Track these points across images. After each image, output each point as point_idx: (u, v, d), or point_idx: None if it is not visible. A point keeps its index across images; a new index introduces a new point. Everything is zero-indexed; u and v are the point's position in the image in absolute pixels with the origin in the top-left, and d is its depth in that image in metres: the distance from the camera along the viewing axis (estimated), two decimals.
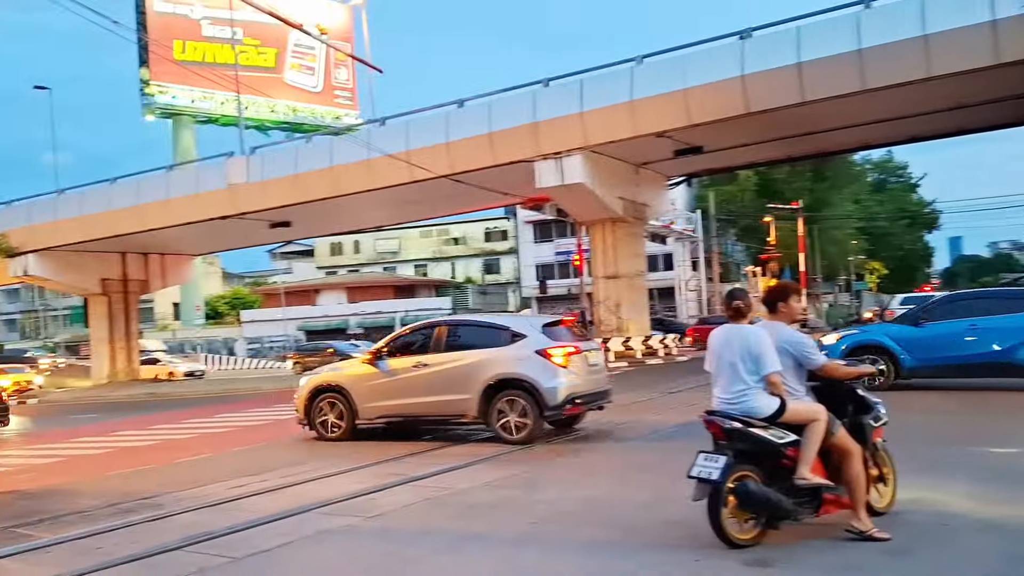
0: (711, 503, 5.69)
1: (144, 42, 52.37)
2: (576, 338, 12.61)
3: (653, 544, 6.20)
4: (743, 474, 5.70)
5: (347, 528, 7.43)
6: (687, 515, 6.12)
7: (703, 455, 5.76)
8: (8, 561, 6.99)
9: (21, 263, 36.87)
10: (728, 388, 6.00)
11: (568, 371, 11.68)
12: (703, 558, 5.68)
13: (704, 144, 25.09)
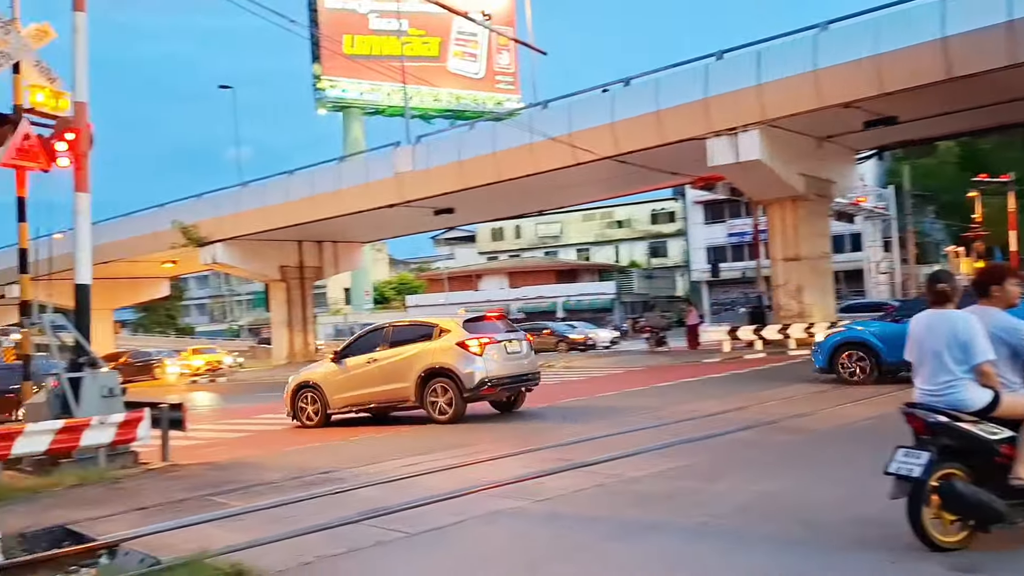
0: (911, 502, 5.23)
1: (316, 38, 54.37)
2: (498, 330, 14.47)
3: (842, 543, 5.77)
4: (949, 472, 5.21)
5: (516, 510, 7.37)
6: (882, 514, 5.67)
7: (902, 450, 5.31)
8: (207, 526, 7.40)
9: (210, 252, 39.09)
10: (932, 379, 5.46)
11: (484, 359, 13.65)
12: (900, 560, 5.25)
13: (897, 114, 23.39)
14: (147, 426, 11.33)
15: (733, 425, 11.68)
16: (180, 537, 6.98)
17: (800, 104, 22.75)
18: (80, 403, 11.20)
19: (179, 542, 6.75)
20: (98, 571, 6.47)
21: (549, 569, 5.70)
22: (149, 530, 7.29)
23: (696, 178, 31.60)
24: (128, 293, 51.43)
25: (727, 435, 11.05)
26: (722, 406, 13.72)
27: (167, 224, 38.51)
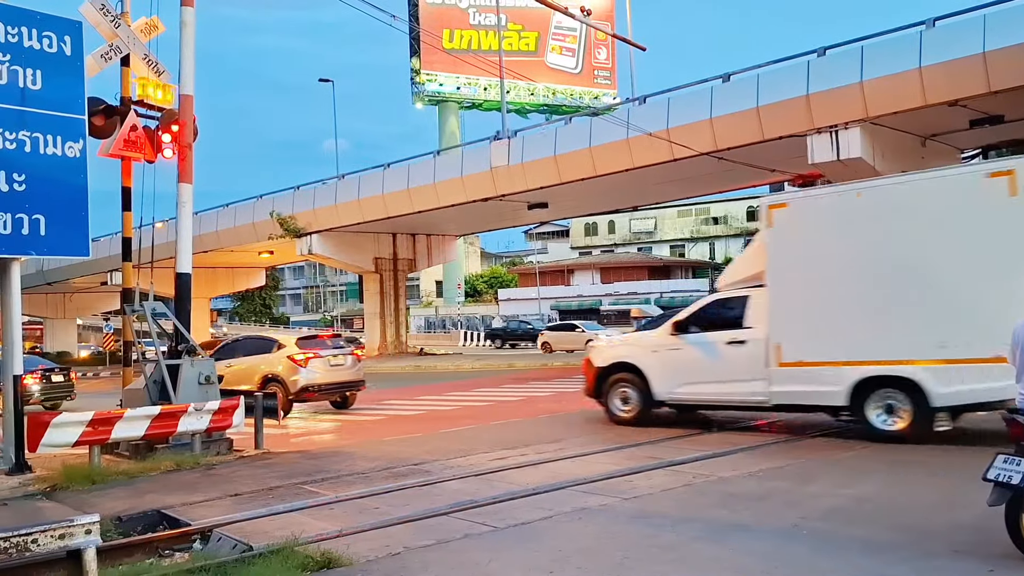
0: (1010, 509, 5.12)
1: (416, 33, 54.96)
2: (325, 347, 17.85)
3: (937, 549, 5.66)
4: None
5: (604, 507, 7.32)
6: (979, 520, 5.59)
7: (1002, 457, 5.16)
8: (299, 514, 7.52)
9: (306, 243, 39.84)
10: None
11: (307, 369, 16.91)
12: (997, 568, 5.12)
13: (1004, 113, 22.60)
14: (242, 414, 11.57)
15: (826, 426, 11.37)
16: (272, 524, 7.10)
17: (904, 102, 22.07)
18: (178, 390, 11.49)
19: (271, 529, 6.87)
20: (192, 555, 6.59)
21: (637, 568, 5.62)
22: (242, 516, 7.43)
23: (795, 175, 30.90)
24: (225, 282, 52.87)
25: (820, 436, 10.78)
26: None
27: (265, 215, 39.43)
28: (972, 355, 9.32)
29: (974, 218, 9.67)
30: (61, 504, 8.67)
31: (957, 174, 10.52)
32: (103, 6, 12.49)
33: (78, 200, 10.39)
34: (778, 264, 11.10)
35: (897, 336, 10.05)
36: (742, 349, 11.40)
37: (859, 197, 10.83)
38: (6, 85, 9.77)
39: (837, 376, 10.39)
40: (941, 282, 9.79)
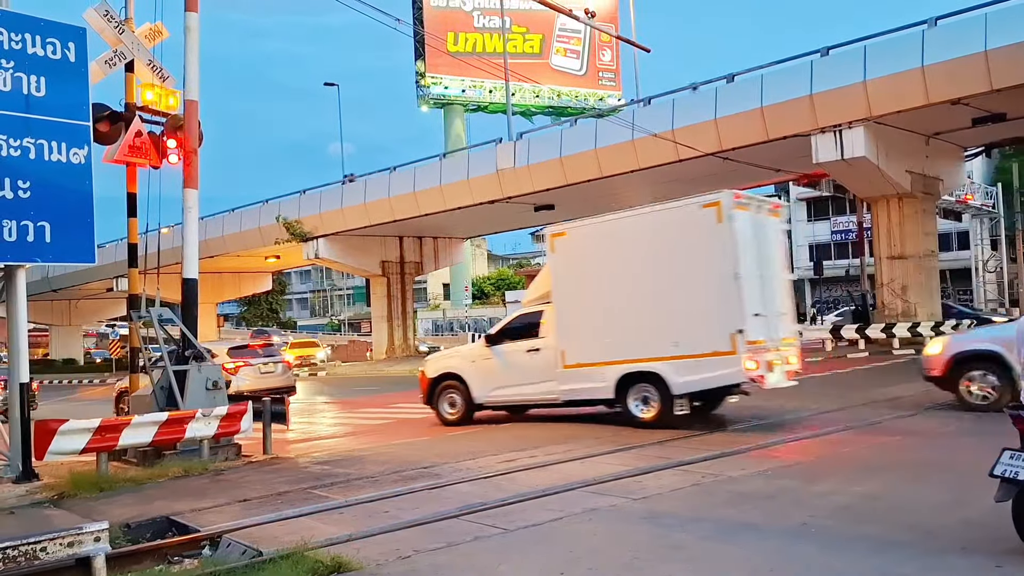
0: (1017, 505, 5.12)
1: (420, 36, 55.02)
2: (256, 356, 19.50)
3: (945, 546, 5.63)
4: None
5: (613, 508, 7.30)
6: (987, 517, 5.59)
7: (1009, 452, 5.15)
8: (309, 519, 7.52)
9: (312, 247, 39.88)
10: None
11: (237, 378, 18.12)
12: (1005, 564, 5.10)
13: (1007, 111, 22.64)
14: (250, 419, 11.56)
15: (834, 425, 11.36)
16: (281, 529, 7.09)
17: (907, 101, 22.09)
18: (185, 396, 11.48)
19: (281, 534, 6.85)
20: (201, 561, 6.58)
21: (648, 568, 5.61)
22: (251, 522, 7.42)
23: (800, 175, 30.90)
24: (232, 287, 52.96)
25: (828, 435, 10.75)
26: (823, 406, 13.43)
27: (271, 219, 39.48)
28: (696, 351, 11.45)
29: (694, 241, 11.75)
30: (69, 512, 8.67)
31: (681, 206, 12.32)
32: (107, 12, 12.51)
33: (83, 206, 10.40)
34: (559, 283, 13.21)
35: (645, 339, 12.10)
36: (537, 356, 13.48)
37: (613, 226, 13.03)
38: (10, 92, 9.79)
39: (604, 374, 12.40)
40: (673, 293, 11.88)
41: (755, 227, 11.77)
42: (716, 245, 11.43)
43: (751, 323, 11.26)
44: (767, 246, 12.05)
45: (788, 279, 12.81)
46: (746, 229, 11.57)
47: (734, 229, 11.31)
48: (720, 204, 11.40)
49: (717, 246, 11.41)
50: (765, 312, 11.60)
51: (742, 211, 11.51)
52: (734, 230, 11.30)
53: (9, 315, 10.45)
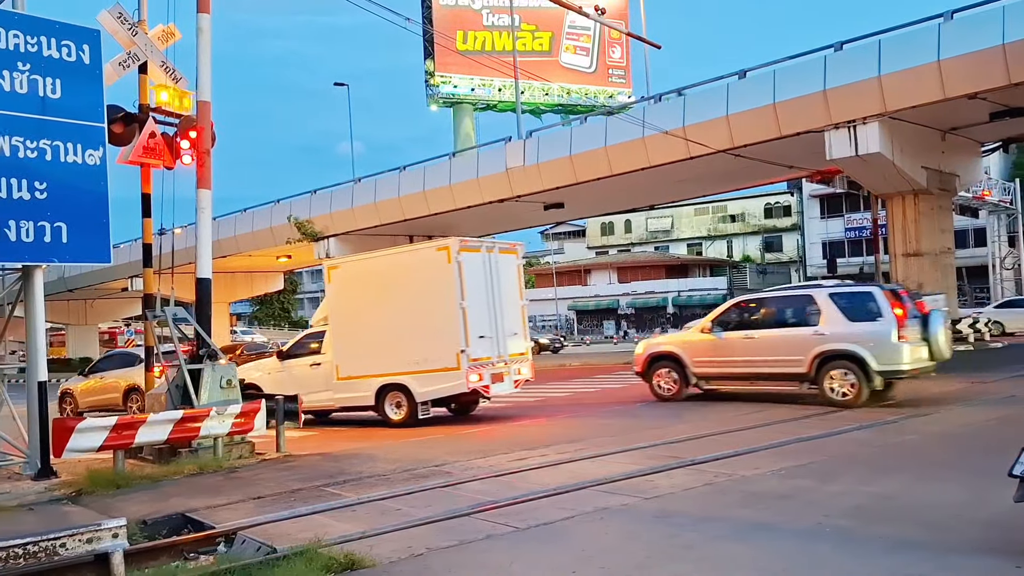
0: None
1: (430, 35, 55.03)
2: None
3: (963, 546, 5.60)
4: None
5: (625, 507, 7.31)
6: (1006, 517, 5.53)
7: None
8: (321, 516, 7.58)
9: (323, 246, 39.92)
10: None
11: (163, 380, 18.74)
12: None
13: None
14: (263, 417, 11.63)
15: (848, 424, 11.32)
16: (295, 526, 7.14)
17: (922, 96, 21.89)
18: (200, 394, 11.56)
19: (294, 531, 6.91)
20: (217, 558, 6.64)
21: (660, 568, 5.62)
22: (265, 519, 7.48)
23: (813, 171, 30.74)
24: (244, 286, 53.06)
25: (842, 434, 10.74)
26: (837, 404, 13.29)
27: (283, 219, 39.56)
28: (433, 367, 14.14)
29: (431, 277, 14.32)
30: (86, 508, 8.76)
31: (422, 249, 15.95)
32: (120, 14, 12.59)
33: (99, 207, 10.48)
34: (335, 308, 15.60)
35: (397, 356, 14.56)
36: (319, 369, 15.92)
37: (375, 262, 15.93)
38: (26, 94, 9.88)
39: (368, 385, 14.95)
40: (417, 319, 14.37)
41: (485, 265, 14.54)
42: (446, 281, 14.03)
43: (475, 344, 14.11)
44: (500, 279, 14.84)
45: (522, 304, 15.62)
46: (475, 267, 14.31)
47: (461, 268, 13.96)
48: (449, 248, 14.13)
49: (447, 282, 14.01)
50: (492, 334, 14.51)
51: (469, 253, 14.19)
52: (461, 269, 13.95)
53: (27, 315, 10.55)
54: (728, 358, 14.85)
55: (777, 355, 14.11)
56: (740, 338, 14.74)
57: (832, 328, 13.54)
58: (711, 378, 15.40)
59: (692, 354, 15.35)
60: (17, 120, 9.81)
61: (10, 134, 9.73)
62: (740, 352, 14.65)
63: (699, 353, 15.26)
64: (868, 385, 13.06)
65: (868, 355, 13.04)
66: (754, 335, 14.65)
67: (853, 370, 13.22)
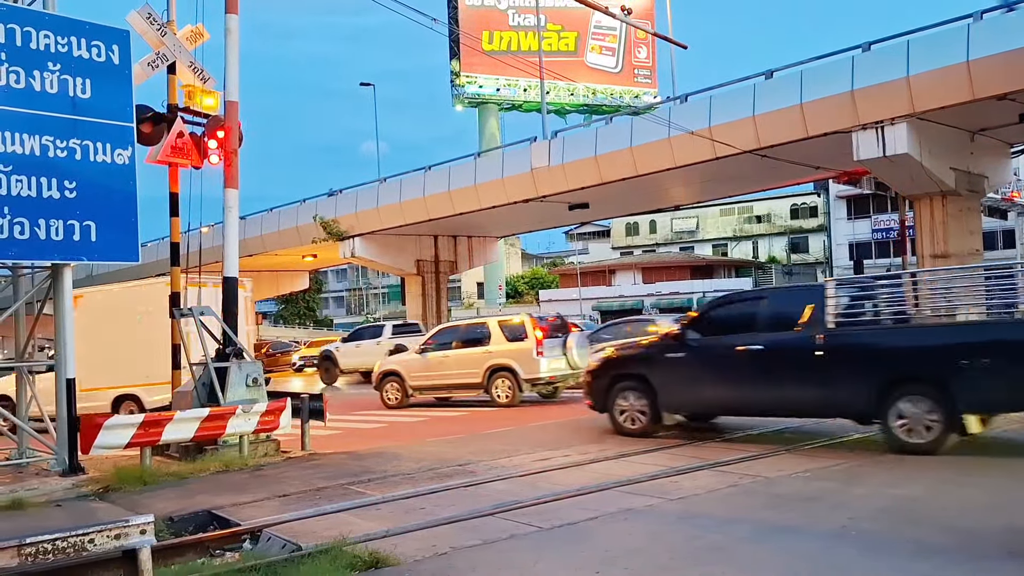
0: None
1: (456, 36, 55.14)
2: None
3: (990, 551, 5.56)
4: None
5: (649, 508, 7.30)
6: None
7: None
8: (346, 515, 7.61)
9: (348, 246, 40.11)
10: None
11: None
12: None
13: None
14: (288, 415, 11.69)
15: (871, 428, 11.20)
16: (320, 524, 7.17)
17: (951, 96, 21.69)
18: (226, 392, 11.64)
19: (319, 529, 6.94)
20: (242, 555, 6.68)
21: (684, 569, 5.61)
22: (291, 516, 7.52)
23: (840, 172, 30.53)
24: (270, 285, 53.36)
25: (868, 437, 10.62)
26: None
27: (308, 218, 39.78)
28: (158, 380, 15.02)
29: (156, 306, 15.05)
30: (114, 505, 8.84)
31: (153, 283, 17.48)
32: (150, 15, 12.69)
33: (127, 206, 10.58)
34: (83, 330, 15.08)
35: (130, 370, 16.27)
36: None
37: (117, 293, 18.36)
38: (57, 94, 9.99)
39: (106, 395, 16.52)
40: (145, 340, 15.87)
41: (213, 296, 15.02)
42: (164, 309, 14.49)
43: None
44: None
45: (248, 330, 17.51)
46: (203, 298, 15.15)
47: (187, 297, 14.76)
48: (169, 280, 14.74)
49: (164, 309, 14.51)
50: None
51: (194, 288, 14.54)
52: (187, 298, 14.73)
53: (57, 312, 10.66)
54: (432, 373, 18.36)
55: (463, 369, 17.95)
56: (440, 357, 18.37)
57: (497, 347, 17.57)
58: (422, 389, 18.71)
59: (408, 370, 18.78)
60: (48, 120, 9.92)
61: (41, 134, 9.84)
62: (438, 368, 18.28)
63: (413, 370, 18.68)
64: (521, 392, 17.18)
65: (518, 367, 17.16)
66: (449, 354, 18.36)
67: (509, 378, 17.23)
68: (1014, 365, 8.89)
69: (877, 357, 9.99)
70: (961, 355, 9.26)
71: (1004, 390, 8.96)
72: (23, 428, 11.25)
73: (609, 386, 12.06)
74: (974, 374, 9.00)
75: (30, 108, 9.80)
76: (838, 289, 10.59)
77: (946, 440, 9.26)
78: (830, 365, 9.99)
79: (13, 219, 9.61)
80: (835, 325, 10.16)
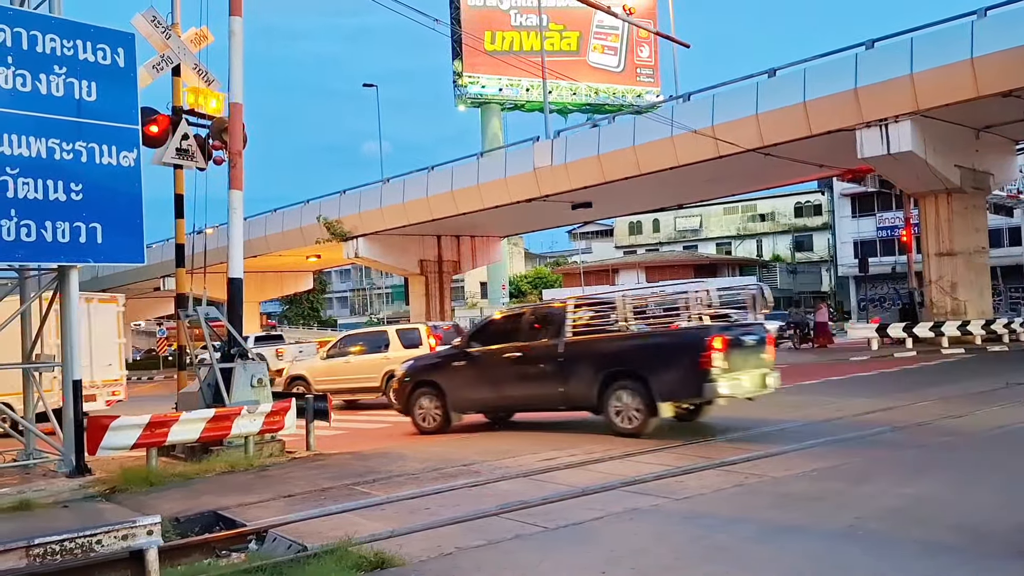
0: None
1: (458, 36, 55.16)
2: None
3: (999, 551, 5.51)
4: None
5: (655, 508, 7.28)
6: None
7: None
8: (352, 515, 7.62)
9: (352, 246, 40.18)
10: None
11: None
12: None
13: None
14: (293, 416, 11.71)
15: (881, 425, 11.22)
16: (325, 524, 7.19)
17: (956, 94, 21.66)
18: (231, 393, 11.67)
19: (325, 529, 6.96)
20: (248, 555, 6.70)
21: (690, 569, 5.60)
22: (296, 517, 7.54)
23: (844, 170, 30.53)
24: (274, 286, 53.46)
25: (875, 436, 10.64)
26: (870, 406, 13.24)
27: (312, 219, 39.86)
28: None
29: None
30: (120, 506, 8.88)
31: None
32: (154, 18, 12.74)
33: (133, 208, 10.59)
34: None
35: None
36: None
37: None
38: (63, 97, 10.01)
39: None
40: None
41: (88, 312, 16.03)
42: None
43: None
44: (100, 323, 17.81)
45: (120, 343, 18.78)
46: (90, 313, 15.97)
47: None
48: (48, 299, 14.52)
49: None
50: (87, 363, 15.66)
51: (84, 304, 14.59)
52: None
53: (63, 314, 10.69)
54: (336, 376, 19.36)
55: (363, 373, 18.97)
56: (342, 362, 19.63)
57: (394, 354, 18.29)
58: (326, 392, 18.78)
59: (313, 375, 19.93)
60: (54, 123, 9.94)
61: (47, 136, 9.86)
62: (342, 372, 19.41)
63: (318, 374, 19.80)
64: None
65: None
66: (351, 360, 19.55)
67: None
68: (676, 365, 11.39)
69: (599, 359, 12.04)
70: (652, 357, 11.58)
71: (678, 383, 11.33)
72: (30, 429, 11.28)
73: (411, 391, 13.95)
74: (662, 372, 11.40)
75: (36, 111, 9.82)
76: (575, 307, 12.73)
77: (648, 424, 11.38)
78: (569, 367, 12.18)
79: (20, 221, 9.63)
80: (572, 335, 12.33)
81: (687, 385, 11.25)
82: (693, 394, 11.43)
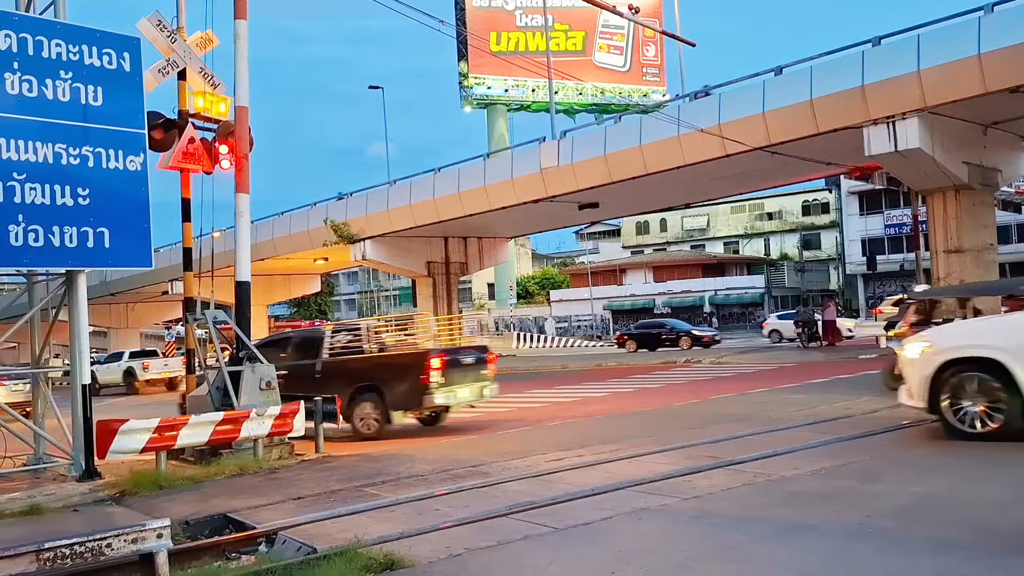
0: None
1: (463, 37, 55.24)
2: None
3: (1011, 548, 5.46)
4: None
5: (664, 508, 7.26)
6: None
7: None
8: (361, 517, 7.62)
9: (359, 248, 40.15)
10: None
11: None
12: None
13: None
14: (302, 418, 11.73)
15: (890, 423, 11.18)
16: (335, 526, 7.20)
17: (963, 90, 21.55)
18: (240, 396, 11.69)
19: (334, 531, 6.97)
20: (258, 557, 6.71)
21: (700, 569, 5.57)
22: (305, 519, 7.55)
23: (852, 168, 30.42)
24: (282, 288, 53.53)
25: (884, 434, 10.59)
26: (878, 403, 13.16)
27: (319, 222, 39.86)
28: None
29: None
30: (130, 509, 8.90)
31: None
32: (159, 22, 12.76)
33: (140, 212, 10.63)
34: None
35: None
36: None
37: None
38: (69, 102, 10.04)
39: None
40: None
41: None
42: None
43: None
44: None
45: None
46: None
47: None
48: None
49: None
50: None
51: None
52: None
53: (71, 318, 10.72)
54: None
55: None
56: None
57: None
58: None
59: None
60: (60, 128, 9.98)
61: (53, 141, 9.90)
62: None
63: None
64: None
65: None
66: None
67: None
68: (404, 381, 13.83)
69: (348, 375, 14.41)
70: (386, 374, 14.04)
71: (405, 396, 13.86)
72: (40, 434, 11.32)
73: None
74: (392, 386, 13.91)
75: (43, 116, 9.86)
76: (332, 333, 15.65)
77: (383, 429, 13.91)
78: (326, 382, 14.23)
79: (27, 227, 9.67)
80: (329, 355, 14.99)
81: (412, 398, 13.73)
82: (417, 405, 13.92)
